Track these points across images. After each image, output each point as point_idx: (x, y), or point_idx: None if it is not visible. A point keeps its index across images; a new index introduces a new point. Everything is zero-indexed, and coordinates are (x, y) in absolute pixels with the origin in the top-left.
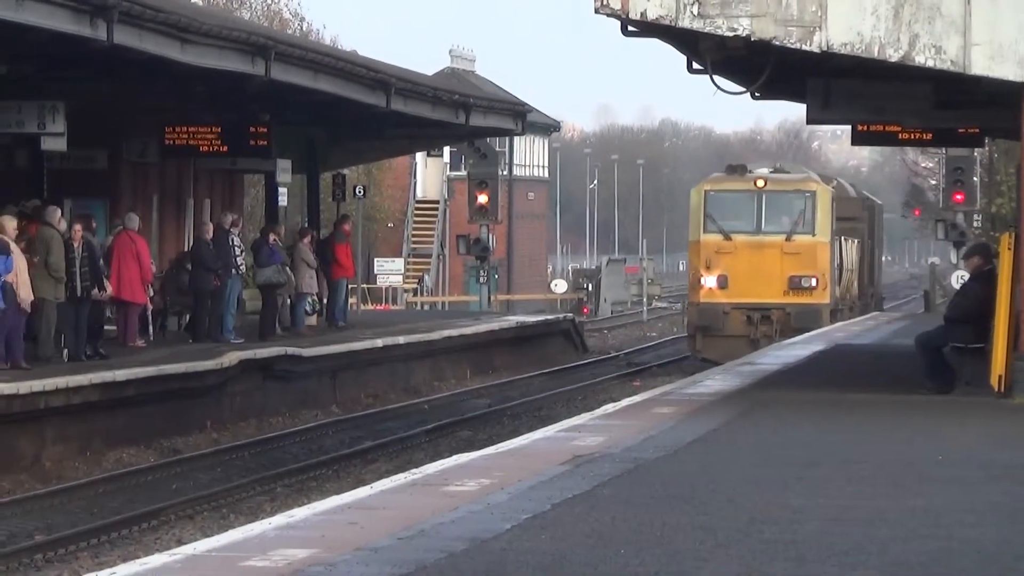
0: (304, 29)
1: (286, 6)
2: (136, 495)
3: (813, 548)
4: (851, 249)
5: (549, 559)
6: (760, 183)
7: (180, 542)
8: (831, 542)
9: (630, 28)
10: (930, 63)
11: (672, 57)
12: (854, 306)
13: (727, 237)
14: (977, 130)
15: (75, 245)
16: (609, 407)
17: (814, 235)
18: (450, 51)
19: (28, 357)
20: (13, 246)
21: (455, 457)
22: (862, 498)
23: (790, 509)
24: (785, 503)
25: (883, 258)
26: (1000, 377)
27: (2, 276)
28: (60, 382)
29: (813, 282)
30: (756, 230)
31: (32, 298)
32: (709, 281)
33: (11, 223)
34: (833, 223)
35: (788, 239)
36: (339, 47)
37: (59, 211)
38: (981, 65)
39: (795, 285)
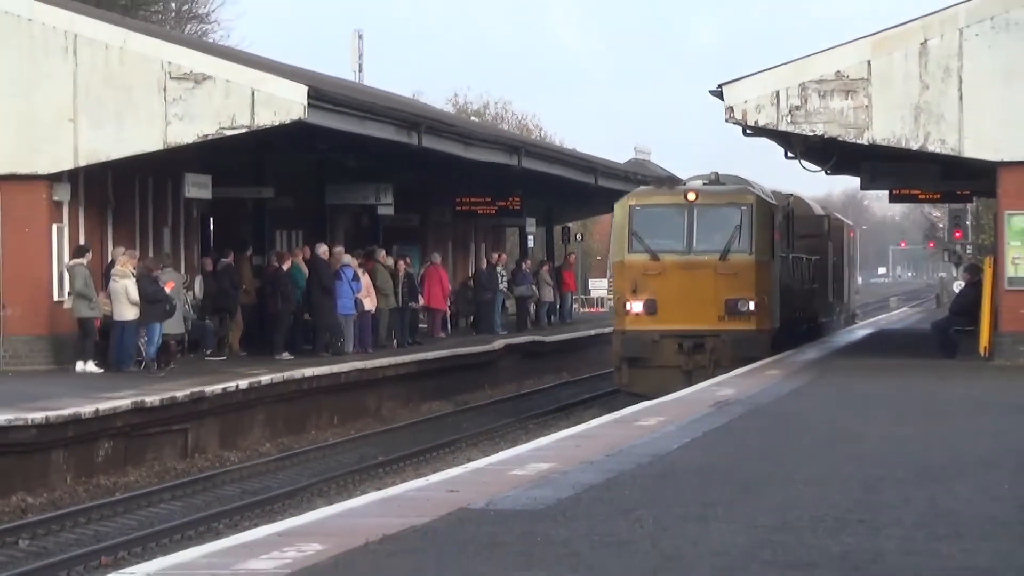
0: (541, 134)
1: (530, 120)
2: (440, 432)
3: (868, 457)
4: (809, 267)
5: (702, 466)
6: (691, 196)
7: (469, 459)
8: (879, 453)
9: (747, 131)
10: (937, 150)
11: (773, 149)
12: (811, 325)
13: (655, 257)
14: (968, 192)
15: (399, 273)
16: (738, 370)
17: (751, 253)
18: (635, 148)
19: (372, 345)
20: (360, 273)
21: (640, 404)
22: (899, 425)
23: (854, 433)
24: (850, 429)
25: (853, 275)
26: (985, 348)
27: (355, 293)
28: (392, 360)
29: (751, 305)
30: (687, 249)
31: (374, 307)
32: (636, 306)
33: (354, 260)
34: (776, 239)
35: (723, 258)
36: (562, 144)
37: (384, 252)
38: (970, 151)
39: (731, 309)
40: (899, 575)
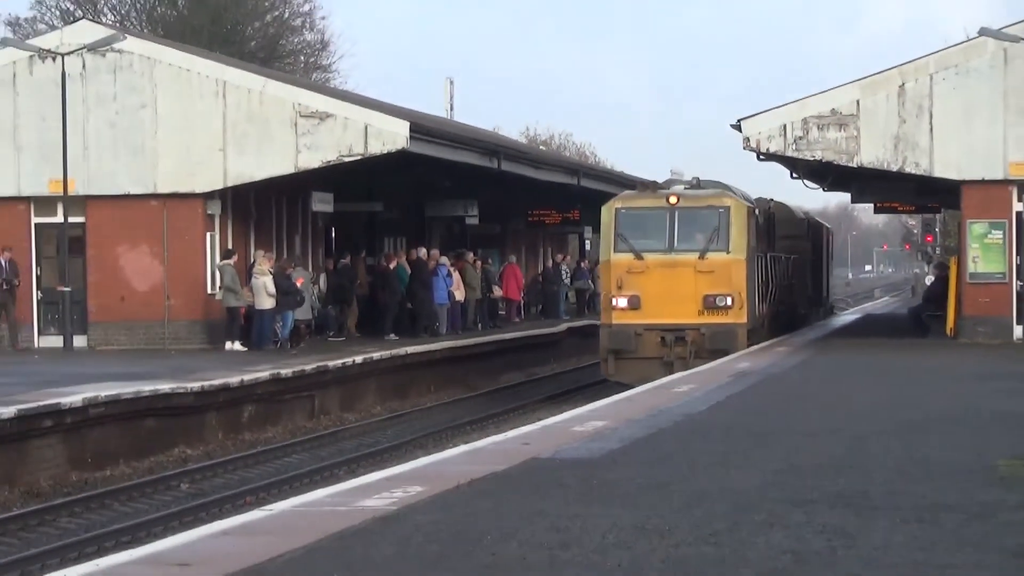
0: (596, 159)
1: (587, 148)
2: (515, 397)
3: (857, 415)
4: (789, 265)
5: (724, 423)
6: (673, 200)
7: (538, 419)
8: (866, 412)
9: (760, 156)
10: (913, 172)
11: (782, 170)
12: (790, 318)
13: (639, 256)
14: (937, 204)
15: (477, 272)
16: (753, 348)
17: (729, 252)
18: (671, 169)
19: (461, 328)
20: (452, 270)
21: (677, 374)
22: (882, 389)
23: (845, 396)
24: (843, 393)
25: (831, 272)
26: (951, 329)
27: (448, 287)
28: (477, 340)
29: (728, 301)
30: (668, 249)
31: (463, 298)
32: (621, 302)
33: (447, 260)
34: (752, 239)
35: (702, 257)
36: (612, 167)
37: (471, 254)
38: (939, 172)
39: (710, 305)
40: (882, 509)
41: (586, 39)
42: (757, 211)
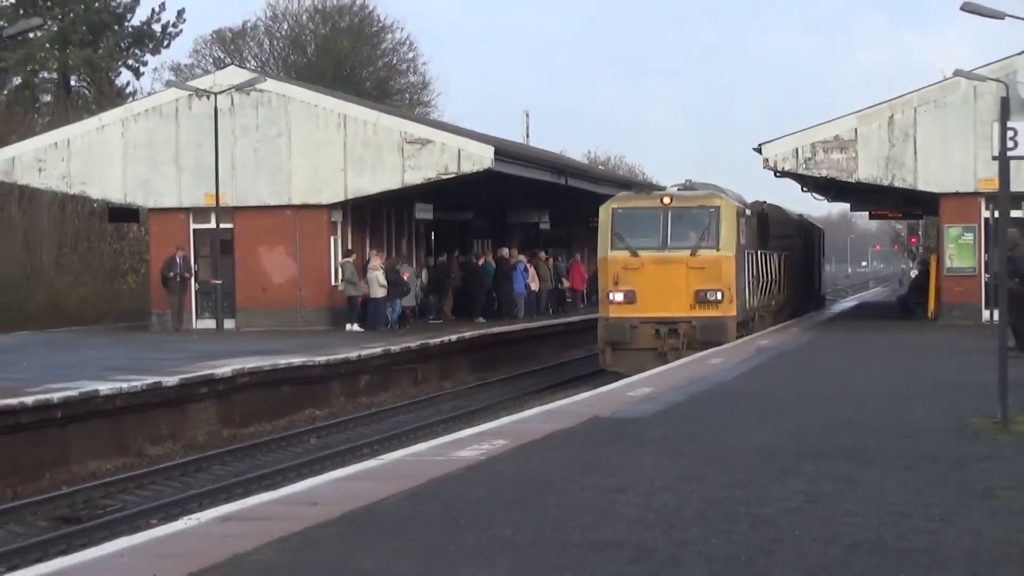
0: (644, 176)
1: (637, 167)
2: (580, 368)
3: (856, 384)
4: (781, 261)
5: (748, 390)
6: (666, 200)
7: (599, 386)
8: (863, 381)
9: (777, 174)
10: (901, 186)
11: (794, 185)
12: (781, 310)
13: (634, 253)
14: (920, 212)
15: (549, 267)
16: (772, 328)
17: (718, 250)
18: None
19: (536, 313)
20: (528, 266)
21: (710, 350)
22: (876, 362)
23: (846, 368)
24: (844, 366)
25: (824, 267)
26: (932, 312)
27: (525, 279)
28: (549, 322)
29: (719, 295)
30: (662, 246)
31: (537, 288)
32: (617, 297)
33: (524, 258)
34: (742, 237)
35: (693, 254)
36: (658, 182)
37: (544, 252)
38: (921, 186)
39: (701, 299)
40: (877, 460)
41: (634, 78)
42: (748, 211)
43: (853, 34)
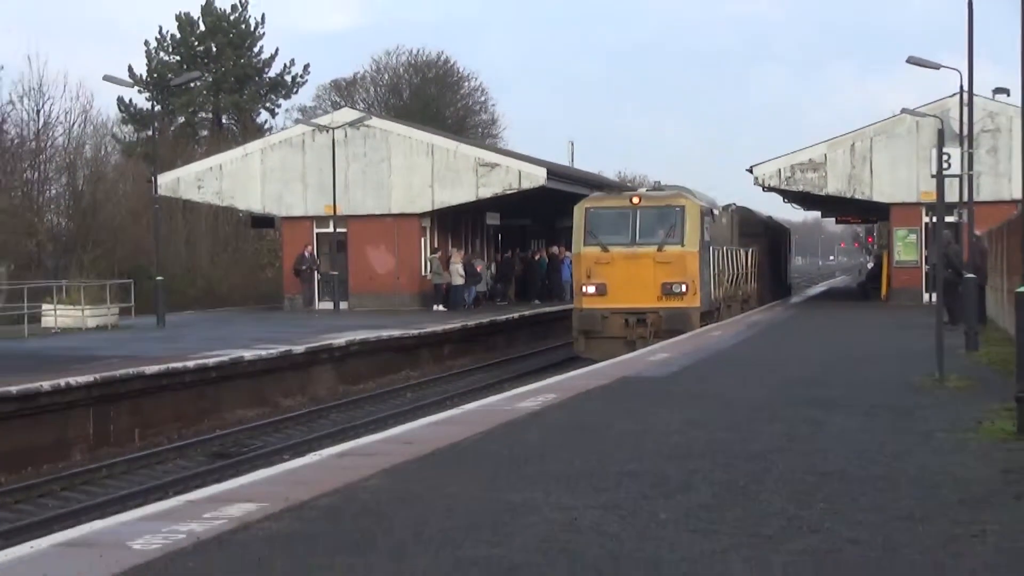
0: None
1: (658, 184)
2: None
3: (825, 350)
4: (749, 255)
5: (742, 356)
6: (635, 200)
7: (626, 354)
8: (831, 348)
9: (764, 189)
10: (860, 197)
11: (776, 198)
12: (749, 299)
13: (605, 249)
14: (875, 218)
15: None
16: (763, 307)
17: (683, 245)
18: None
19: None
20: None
21: (711, 325)
22: (842, 334)
23: (818, 337)
24: (816, 335)
25: (791, 261)
26: (884, 296)
27: (571, 270)
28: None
29: (683, 288)
30: (631, 242)
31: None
32: (589, 289)
33: (568, 254)
34: (706, 234)
35: (659, 249)
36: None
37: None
38: (876, 198)
39: (667, 291)
40: (842, 407)
41: (657, 112)
42: (714, 211)
43: (827, 77)
